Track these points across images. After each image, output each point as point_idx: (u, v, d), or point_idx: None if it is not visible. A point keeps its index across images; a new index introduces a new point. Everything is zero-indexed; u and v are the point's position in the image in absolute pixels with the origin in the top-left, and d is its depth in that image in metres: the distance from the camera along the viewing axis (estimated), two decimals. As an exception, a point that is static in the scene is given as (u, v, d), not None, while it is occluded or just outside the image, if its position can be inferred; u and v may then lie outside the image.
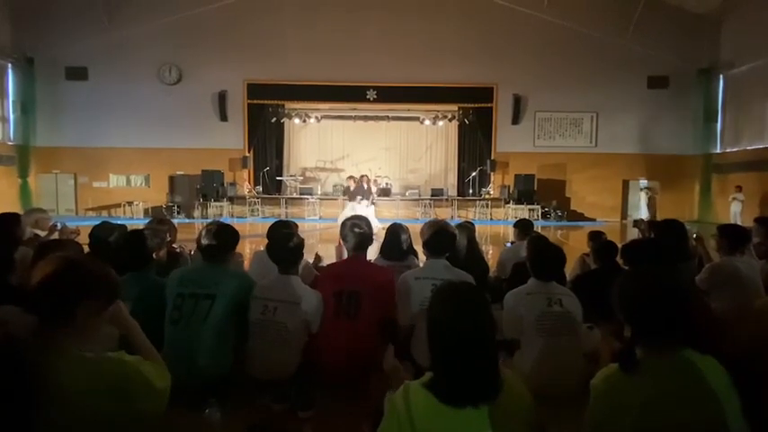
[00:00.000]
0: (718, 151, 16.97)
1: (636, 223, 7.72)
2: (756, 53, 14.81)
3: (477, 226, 4.84)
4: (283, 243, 2.85)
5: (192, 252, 4.09)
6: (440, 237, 3.07)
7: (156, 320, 2.54)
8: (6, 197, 14.88)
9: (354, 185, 11.97)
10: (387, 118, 18.59)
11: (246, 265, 4.52)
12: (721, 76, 16.78)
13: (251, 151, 17.40)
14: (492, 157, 17.29)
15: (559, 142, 17.53)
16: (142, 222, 5.85)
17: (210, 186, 16.10)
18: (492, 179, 17.48)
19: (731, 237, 3.68)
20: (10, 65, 16.31)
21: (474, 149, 18.13)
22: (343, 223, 3.13)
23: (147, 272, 2.87)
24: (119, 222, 4.24)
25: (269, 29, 16.71)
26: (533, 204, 16.07)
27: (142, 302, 2.40)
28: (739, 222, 11.29)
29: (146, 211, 16.18)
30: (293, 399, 2.42)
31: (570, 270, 4.35)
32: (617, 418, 1.45)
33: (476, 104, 17.44)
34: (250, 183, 17.36)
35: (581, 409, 1.60)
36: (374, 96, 17.17)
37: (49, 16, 16.24)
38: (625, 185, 17.49)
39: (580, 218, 16.93)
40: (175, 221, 4.84)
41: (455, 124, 18.36)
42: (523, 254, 3.04)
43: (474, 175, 17.42)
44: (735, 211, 13.93)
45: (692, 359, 1.48)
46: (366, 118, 18.66)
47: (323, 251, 5.51)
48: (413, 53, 16.65)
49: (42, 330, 1.40)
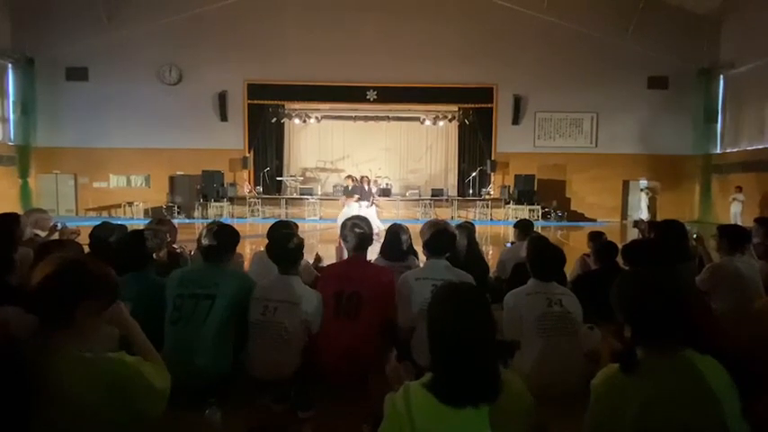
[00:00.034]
0: (718, 152, 16.97)
1: (636, 224, 7.73)
2: (756, 53, 14.80)
3: (477, 226, 4.84)
4: (283, 243, 2.84)
5: (193, 252, 4.09)
6: (440, 237, 3.06)
7: (156, 321, 2.54)
8: (7, 197, 14.88)
9: (353, 185, 11.95)
10: (387, 118, 18.58)
11: (246, 265, 4.52)
12: (721, 76, 16.78)
13: (251, 151, 17.41)
14: (492, 158, 17.29)
15: (559, 142, 17.52)
16: (142, 223, 5.85)
17: (211, 187, 16.12)
18: (492, 179, 17.47)
19: (731, 237, 3.68)
20: (10, 65, 16.32)
21: (474, 150, 18.13)
22: (344, 223, 3.13)
23: (147, 272, 2.87)
24: (119, 223, 4.24)
25: (269, 29, 16.72)
26: (533, 205, 16.08)
27: (142, 303, 2.39)
28: (739, 223, 11.27)
29: (146, 212, 16.18)
30: (293, 399, 2.42)
31: (570, 270, 4.36)
32: (617, 418, 1.45)
33: (476, 105, 17.45)
34: (250, 183, 17.36)
35: (581, 409, 1.60)
36: (374, 97, 17.17)
37: (50, 16, 16.24)
38: (625, 186, 17.49)
39: (580, 218, 16.92)
40: (175, 222, 4.84)
41: (455, 124, 18.35)
42: (523, 254, 3.04)
43: (474, 175, 17.42)
44: (735, 211, 13.92)
45: (692, 359, 1.48)
46: (366, 118, 18.65)
47: (323, 251, 5.51)
48: (413, 53, 16.64)
49: (42, 331, 1.41)
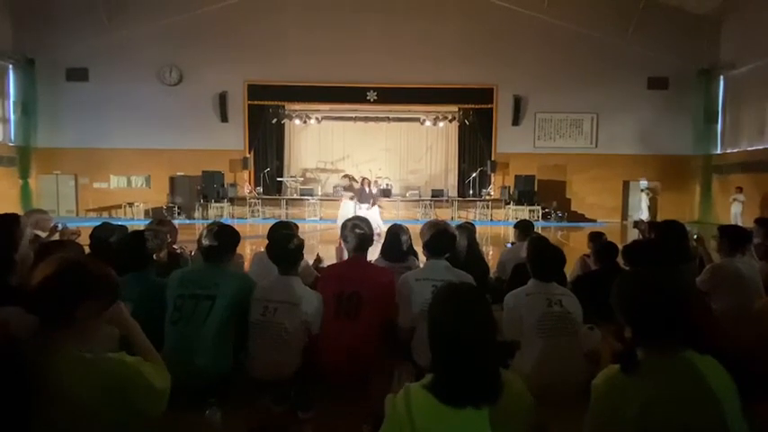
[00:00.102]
0: (718, 152, 16.96)
1: (636, 224, 7.74)
2: (756, 54, 14.80)
3: (477, 227, 4.84)
4: (283, 244, 2.84)
5: (193, 253, 4.10)
6: (440, 238, 3.06)
7: (157, 321, 2.54)
8: (7, 198, 14.88)
9: (350, 183, 11.92)
10: (387, 119, 18.58)
11: (247, 265, 4.52)
12: (721, 76, 16.77)
13: (251, 152, 17.41)
14: (492, 158, 17.29)
15: (560, 143, 17.52)
16: (143, 223, 5.85)
17: (211, 187, 16.13)
18: (492, 180, 17.47)
19: (732, 238, 3.68)
20: (11, 66, 16.33)
21: (474, 150, 18.13)
22: (344, 224, 3.13)
23: (148, 273, 2.87)
24: (119, 223, 4.25)
25: (269, 30, 16.72)
26: (534, 205, 16.08)
27: (142, 303, 2.40)
28: (740, 223, 11.28)
29: (146, 212, 16.17)
30: (293, 399, 2.42)
31: (571, 271, 4.36)
32: (618, 418, 1.45)
33: (476, 105, 17.45)
34: (250, 184, 17.36)
35: (581, 409, 1.60)
36: (374, 97, 17.17)
37: (50, 17, 16.25)
38: (625, 186, 17.48)
39: (580, 219, 16.92)
40: (176, 222, 4.85)
41: (455, 125, 18.35)
42: (524, 255, 3.04)
43: (474, 175, 17.41)
44: (735, 211, 13.91)
45: (692, 360, 1.48)
46: (366, 119, 18.65)
47: (323, 252, 5.51)
48: (413, 54, 16.65)
49: (43, 331, 1.41)
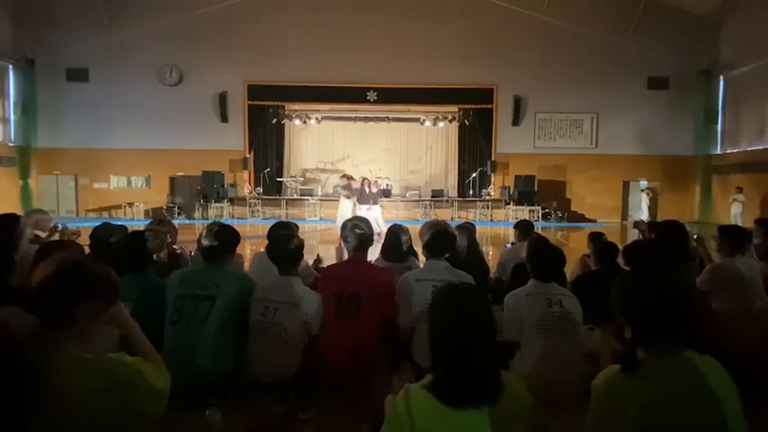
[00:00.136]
0: (718, 152, 16.96)
1: (636, 224, 7.73)
2: (756, 54, 14.80)
3: (477, 227, 4.84)
4: (283, 244, 2.84)
5: (193, 253, 4.10)
6: (440, 238, 3.06)
7: (157, 321, 2.54)
8: (7, 198, 14.87)
9: (347, 182, 11.91)
10: (387, 119, 18.58)
11: (247, 266, 4.52)
12: (721, 77, 16.77)
13: (251, 152, 17.41)
14: (492, 158, 17.29)
15: (560, 143, 17.52)
16: (143, 223, 5.85)
17: (211, 187, 16.13)
18: (492, 180, 17.47)
19: (732, 238, 3.68)
20: (11, 66, 16.32)
21: (474, 150, 18.13)
22: (344, 224, 3.13)
23: (148, 273, 2.88)
24: (119, 223, 4.24)
25: (269, 30, 16.73)
26: (534, 205, 16.08)
27: (142, 303, 2.39)
28: (740, 223, 11.28)
29: (146, 213, 16.17)
30: (293, 400, 2.42)
31: (571, 271, 4.36)
32: (618, 418, 1.45)
33: (476, 105, 17.45)
34: (250, 184, 17.36)
35: (582, 410, 1.60)
36: (374, 97, 17.17)
37: (50, 18, 16.25)
38: (625, 186, 17.48)
39: (580, 219, 16.92)
40: (176, 222, 4.85)
41: (455, 125, 18.36)
42: (524, 255, 3.04)
43: (474, 176, 17.41)
44: (735, 212, 13.92)
45: (692, 360, 1.48)
46: (366, 119, 18.65)
47: (323, 252, 5.52)
48: (413, 54, 16.65)
49: (43, 331, 1.41)
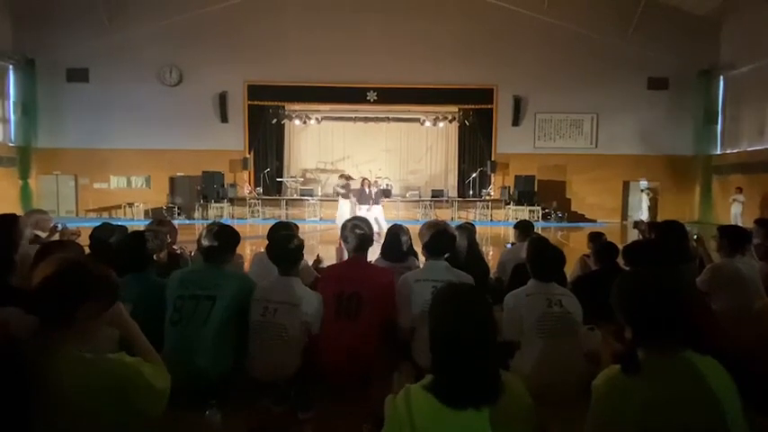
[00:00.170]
0: (718, 152, 16.97)
1: (636, 224, 7.73)
2: (756, 54, 14.81)
3: (477, 227, 4.84)
4: (283, 244, 2.84)
5: (193, 253, 4.10)
6: (439, 238, 3.06)
7: (157, 322, 2.54)
8: (7, 198, 14.88)
9: (345, 182, 11.91)
10: (387, 119, 18.59)
11: (247, 266, 4.52)
12: (721, 77, 16.78)
13: (251, 152, 17.41)
14: (492, 159, 17.29)
15: (560, 143, 17.52)
16: (142, 224, 5.85)
17: (211, 188, 16.13)
18: (492, 180, 17.48)
19: (732, 238, 3.68)
20: (11, 66, 16.33)
21: (474, 151, 18.14)
22: (344, 225, 3.13)
23: (148, 273, 2.87)
24: (119, 224, 4.24)
25: (269, 30, 16.73)
26: (534, 205, 16.08)
27: (142, 304, 2.39)
28: (740, 224, 11.27)
29: (146, 213, 16.17)
30: (293, 400, 2.42)
31: (571, 271, 4.36)
32: (618, 419, 1.44)
33: (476, 106, 17.46)
34: (250, 184, 17.36)
35: (582, 410, 1.60)
36: (374, 98, 17.18)
37: (50, 18, 16.26)
38: (625, 187, 17.48)
39: (580, 219, 16.92)
40: (176, 223, 4.84)
41: (455, 125, 18.36)
42: (524, 255, 3.04)
43: (474, 176, 17.41)
44: (735, 212, 13.92)
45: (692, 360, 1.48)
46: (366, 119, 18.66)
47: (323, 252, 5.52)
48: (413, 54, 16.65)
49: (43, 331, 1.41)
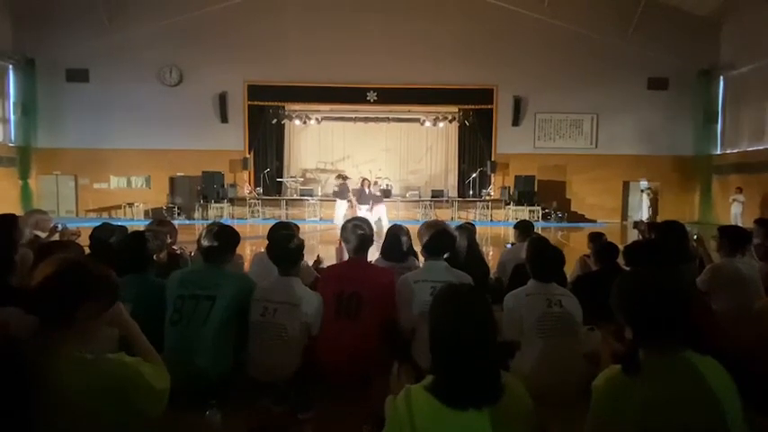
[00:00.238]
0: (718, 152, 16.97)
1: (636, 225, 7.72)
2: (756, 54, 14.81)
3: (477, 227, 4.84)
4: (283, 244, 2.84)
5: (193, 253, 4.10)
6: (439, 238, 3.05)
7: (157, 322, 2.54)
8: (7, 198, 14.87)
9: (342, 182, 11.89)
10: (387, 119, 18.59)
11: (247, 266, 4.52)
12: (721, 77, 16.78)
13: (251, 153, 17.41)
14: (492, 159, 17.29)
15: (560, 143, 17.52)
16: (142, 224, 5.85)
17: (211, 188, 16.12)
18: (492, 180, 17.47)
19: (732, 238, 3.68)
20: (11, 66, 16.33)
21: (474, 151, 18.14)
22: (344, 225, 3.13)
23: (148, 273, 2.87)
24: (119, 224, 4.24)
25: (269, 30, 16.72)
26: (534, 206, 16.08)
27: (142, 304, 2.39)
28: (740, 224, 11.28)
29: (146, 213, 16.16)
30: (293, 400, 2.42)
31: (571, 271, 4.36)
32: (618, 419, 1.45)
33: (476, 106, 17.45)
34: (250, 184, 17.36)
35: (582, 410, 1.60)
36: (374, 98, 17.17)
37: (50, 18, 16.25)
38: (625, 187, 17.48)
39: (580, 219, 16.91)
40: (176, 223, 4.85)
41: (455, 126, 18.36)
42: (524, 255, 3.04)
43: (474, 176, 17.40)
44: (735, 212, 13.93)
45: (692, 360, 1.48)
46: (366, 119, 18.65)
47: (323, 252, 5.52)
48: (413, 54, 16.64)
49: (43, 331, 1.41)
